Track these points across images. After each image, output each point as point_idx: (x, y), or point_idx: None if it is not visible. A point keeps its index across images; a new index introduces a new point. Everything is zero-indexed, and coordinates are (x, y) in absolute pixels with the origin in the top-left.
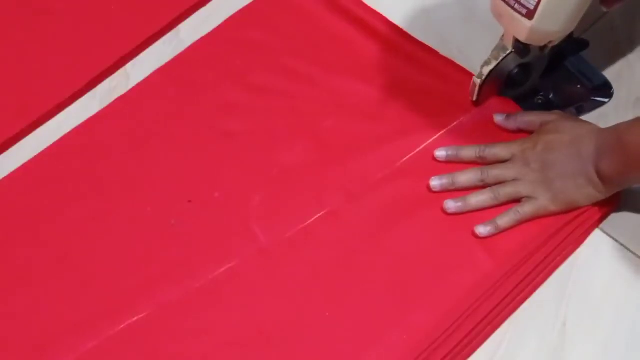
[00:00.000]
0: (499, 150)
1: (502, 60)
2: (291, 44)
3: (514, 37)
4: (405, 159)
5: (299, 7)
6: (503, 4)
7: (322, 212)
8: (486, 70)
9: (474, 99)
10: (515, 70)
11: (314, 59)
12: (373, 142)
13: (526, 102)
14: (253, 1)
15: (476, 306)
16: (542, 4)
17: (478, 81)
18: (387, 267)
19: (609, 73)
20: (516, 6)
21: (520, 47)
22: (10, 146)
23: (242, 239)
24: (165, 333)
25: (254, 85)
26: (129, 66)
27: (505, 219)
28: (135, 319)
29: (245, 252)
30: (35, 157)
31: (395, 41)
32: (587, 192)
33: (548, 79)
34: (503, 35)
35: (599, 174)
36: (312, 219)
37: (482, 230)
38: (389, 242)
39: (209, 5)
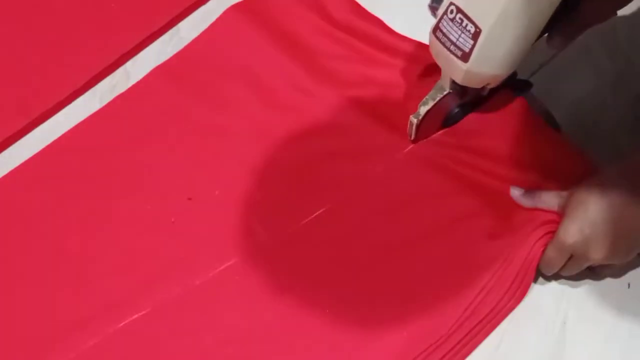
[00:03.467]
0: None
1: (439, 100)
2: (291, 44)
3: (450, 78)
4: (405, 151)
5: (298, 6)
6: (439, 44)
7: (323, 209)
8: (423, 110)
9: (412, 138)
10: (455, 110)
11: (313, 59)
12: (372, 139)
13: None
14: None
15: (476, 305)
16: (477, 47)
17: (415, 121)
18: (387, 264)
19: (610, 72)
20: (452, 48)
21: (458, 88)
22: (10, 144)
23: (242, 237)
24: (165, 331)
25: (254, 83)
26: (129, 64)
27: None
28: (135, 316)
29: (245, 249)
30: (36, 155)
31: (394, 43)
32: None
33: None
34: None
35: None
36: (313, 216)
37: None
38: (388, 240)
39: (208, 4)
